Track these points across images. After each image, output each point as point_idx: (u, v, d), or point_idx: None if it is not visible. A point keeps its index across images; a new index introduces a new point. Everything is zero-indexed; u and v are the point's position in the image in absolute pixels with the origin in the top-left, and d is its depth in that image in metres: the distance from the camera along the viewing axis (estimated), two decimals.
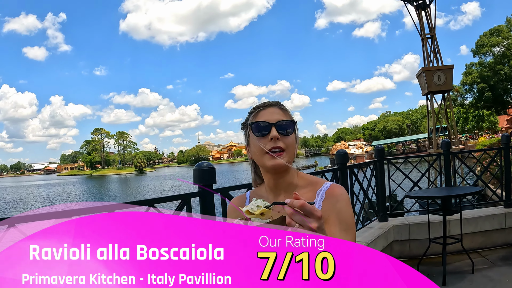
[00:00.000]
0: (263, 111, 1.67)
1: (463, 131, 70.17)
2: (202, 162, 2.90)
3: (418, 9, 25.83)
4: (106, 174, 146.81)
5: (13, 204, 57.36)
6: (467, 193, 5.54)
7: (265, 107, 1.68)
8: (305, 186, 1.69)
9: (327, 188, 1.64)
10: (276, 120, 1.61)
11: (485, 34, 40.30)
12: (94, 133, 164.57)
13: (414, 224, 6.13)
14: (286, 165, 1.60)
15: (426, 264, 5.72)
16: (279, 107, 1.68)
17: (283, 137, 1.60)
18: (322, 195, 1.62)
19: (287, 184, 1.68)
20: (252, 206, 1.36)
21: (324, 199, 1.61)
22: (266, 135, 1.60)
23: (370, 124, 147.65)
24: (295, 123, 1.66)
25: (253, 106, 1.73)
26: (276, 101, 1.72)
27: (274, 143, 1.58)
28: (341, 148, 43.62)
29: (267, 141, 1.59)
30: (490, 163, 7.27)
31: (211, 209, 2.87)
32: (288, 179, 1.68)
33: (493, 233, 6.25)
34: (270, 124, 1.60)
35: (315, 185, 1.68)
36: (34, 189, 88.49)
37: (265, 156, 1.60)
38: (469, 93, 42.47)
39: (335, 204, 1.58)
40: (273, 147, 1.58)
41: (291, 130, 1.63)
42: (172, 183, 77.20)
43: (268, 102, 1.71)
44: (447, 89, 25.46)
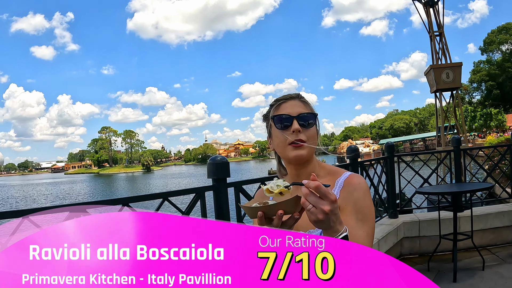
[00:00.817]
0: (285, 103, 1.68)
1: (471, 130, 69.73)
2: (216, 156, 2.92)
3: (426, 6, 25.69)
4: (113, 173, 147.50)
5: (23, 201, 57.72)
6: (478, 189, 5.52)
7: (287, 99, 1.69)
8: (326, 175, 1.72)
9: (346, 177, 1.65)
10: (297, 112, 1.63)
11: (493, 32, 40.05)
12: (101, 131, 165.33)
13: (424, 221, 6.11)
14: (307, 155, 1.64)
15: (437, 260, 5.71)
16: (300, 100, 1.70)
17: (305, 129, 1.63)
18: (341, 184, 1.64)
19: (308, 174, 1.65)
20: (272, 185, 1.40)
21: (342, 188, 1.62)
22: (288, 128, 1.63)
23: (378, 123, 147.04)
24: (316, 115, 1.69)
25: (275, 99, 1.75)
26: (297, 93, 1.73)
27: (296, 136, 1.61)
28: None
29: (289, 134, 1.62)
30: (501, 159, 7.23)
31: (225, 203, 2.89)
32: (309, 169, 1.70)
33: (503, 230, 6.21)
34: (292, 117, 1.62)
35: (335, 174, 1.70)
36: (42, 187, 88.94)
37: (288, 147, 1.63)
38: (477, 91, 42.20)
39: (352, 193, 1.59)
40: (295, 139, 1.61)
41: (313, 122, 1.65)
42: (179, 181, 77.46)
43: (289, 95, 1.72)
44: (456, 86, 25.30)
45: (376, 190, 5.94)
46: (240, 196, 3.11)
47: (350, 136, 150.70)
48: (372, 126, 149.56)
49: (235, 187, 3.09)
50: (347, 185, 1.62)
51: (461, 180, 6.70)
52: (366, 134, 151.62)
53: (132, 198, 2.65)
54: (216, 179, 2.86)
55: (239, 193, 3.12)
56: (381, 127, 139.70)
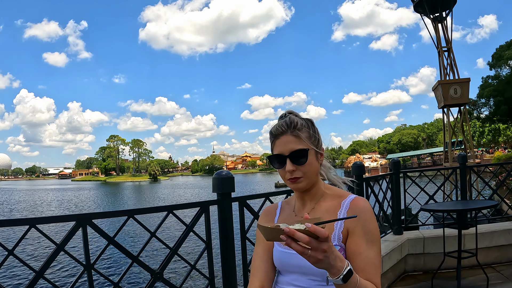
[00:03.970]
0: (278, 141, 1.74)
1: (479, 145, 69.32)
2: (221, 170, 2.95)
3: (435, 22, 25.73)
4: (120, 181, 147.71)
5: (31, 206, 57.89)
6: (483, 207, 5.50)
7: (278, 135, 1.74)
8: (331, 197, 1.80)
9: (352, 199, 1.72)
10: (289, 150, 1.70)
11: (501, 47, 39.86)
12: (109, 140, 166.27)
13: (429, 238, 6.09)
14: (305, 187, 1.75)
15: (440, 278, 5.67)
16: (292, 134, 1.72)
17: (299, 166, 1.70)
18: (347, 205, 1.70)
19: (312, 195, 1.81)
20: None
21: (348, 209, 1.69)
22: (283, 166, 1.72)
23: (385, 137, 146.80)
24: (308, 150, 1.71)
25: (271, 130, 1.80)
26: (289, 124, 1.73)
27: (290, 175, 1.71)
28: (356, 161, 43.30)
29: (285, 172, 1.72)
30: (506, 177, 7.20)
31: (229, 217, 2.92)
32: (313, 191, 1.80)
33: (508, 248, 6.17)
34: (285, 157, 1.70)
35: (340, 197, 1.77)
36: (50, 193, 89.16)
37: (287, 181, 1.74)
38: (486, 106, 41.96)
39: (360, 216, 1.63)
40: (290, 178, 1.72)
41: (305, 159, 1.70)
42: (185, 192, 77.41)
43: (280, 129, 1.74)
44: (464, 102, 25.26)
45: (381, 206, 5.93)
46: (244, 211, 3.15)
47: (357, 150, 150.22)
48: (380, 141, 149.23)
49: (239, 202, 3.12)
50: (353, 207, 1.69)
51: (466, 197, 6.68)
52: (374, 148, 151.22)
53: (138, 210, 2.68)
54: (221, 193, 2.90)
55: (243, 208, 3.15)
56: (389, 141, 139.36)
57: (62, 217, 2.44)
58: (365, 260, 1.58)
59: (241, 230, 3.17)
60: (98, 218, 2.53)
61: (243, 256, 3.20)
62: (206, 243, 3.00)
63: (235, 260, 3.00)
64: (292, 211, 1.89)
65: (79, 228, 2.41)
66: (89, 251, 2.47)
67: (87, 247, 2.46)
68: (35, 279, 2.25)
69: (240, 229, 3.16)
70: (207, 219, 2.96)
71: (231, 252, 2.95)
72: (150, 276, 2.71)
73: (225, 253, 2.93)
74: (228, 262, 2.94)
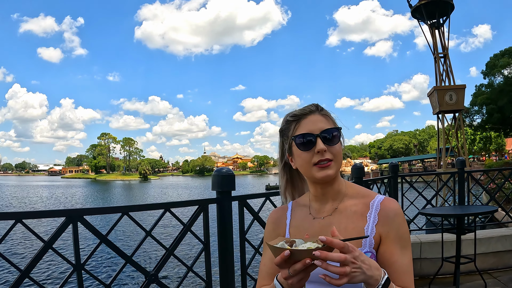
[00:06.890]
0: (304, 120, 1.56)
1: (470, 153, 69.76)
2: (221, 167, 2.83)
3: (432, 28, 25.75)
4: (110, 179, 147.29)
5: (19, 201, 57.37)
6: (482, 212, 5.44)
7: (306, 114, 1.57)
8: (354, 196, 1.60)
9: (381, 200, 1.54)
10: (320, 129, 1.52)
11: (495, 56, 40.15)
12: (100, 137, 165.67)
13: (426, 243, 6.02)
14: (335, 174, 1.53)
15: (437, 283, 5.61)
16: (321, 113, 1.57)
17: (330, 147, 1.51)
18: (377, 206, 1.52)
19: (335, 192, 1.60)
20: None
21: (379, 211, 1.51)
22: (312, 147, 1.51)
23: (377, 143, 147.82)
24: (340, 129, 1.57)
25: (292, 113, 1.61)
26: (316, 105, 1.59)
27: (321, 156, 1.49)
28: (346, 166, 43.35)
29: (313, 153, 1.50)
30: (504, 182, 7.18)
31: (228, 217, 2.79)
32: (336, 187, 1.59)
33: (504, 254, 6.15)
34: (315, 135, 1.51)
35: (367, 197, 1.58)
36: (39, 189, 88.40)
37: (313, 168, 1.51)
38: (478, 114, 42.21)
39: (393, 219, 1.48)
40: (320, 159, 1.50)
41: (337, 138, 1.54)
42: (178, 191, 76.99)
43: (308, 108, 1.58)
44: (459, 108, 25.29)
45: None
46: (244, 211, 3.02)
47: (349, 154, 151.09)
48: (371, 146, 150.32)
49: (239, 201, 2.98)
50: (385, 209, 1.51)
51: (464, 202, 6.62)
52: (365, 153, 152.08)
53: (133, 207, 2.55)
54: (221, 191, 2.76)
55: (243, 207, 3.01)
56: (380, 147, 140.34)
57: (51, 212, 2.29)
58: (400, 269, 1.43)
59: (240, 231, 3.02)
60: (90, 214, 2.40)
61: (242, 258, 3.05)
62: (204, 243, 2.85)
63: (234, 262, 2.86)
64: (308, 213, 1.65)
65: (69, 224, 2.25)
66: (80, 250, 2.31)
67: (78, 246, 2.30)
68: (20, 279, 2.09)
69: (239, 230, 3.02)
70: (206, 218, 2.81)
71: (230, 254, 2.81)
72: (144, 278, 2.56)
73: (224, 255, 2.79)
74: (227, 264, 2.80)
